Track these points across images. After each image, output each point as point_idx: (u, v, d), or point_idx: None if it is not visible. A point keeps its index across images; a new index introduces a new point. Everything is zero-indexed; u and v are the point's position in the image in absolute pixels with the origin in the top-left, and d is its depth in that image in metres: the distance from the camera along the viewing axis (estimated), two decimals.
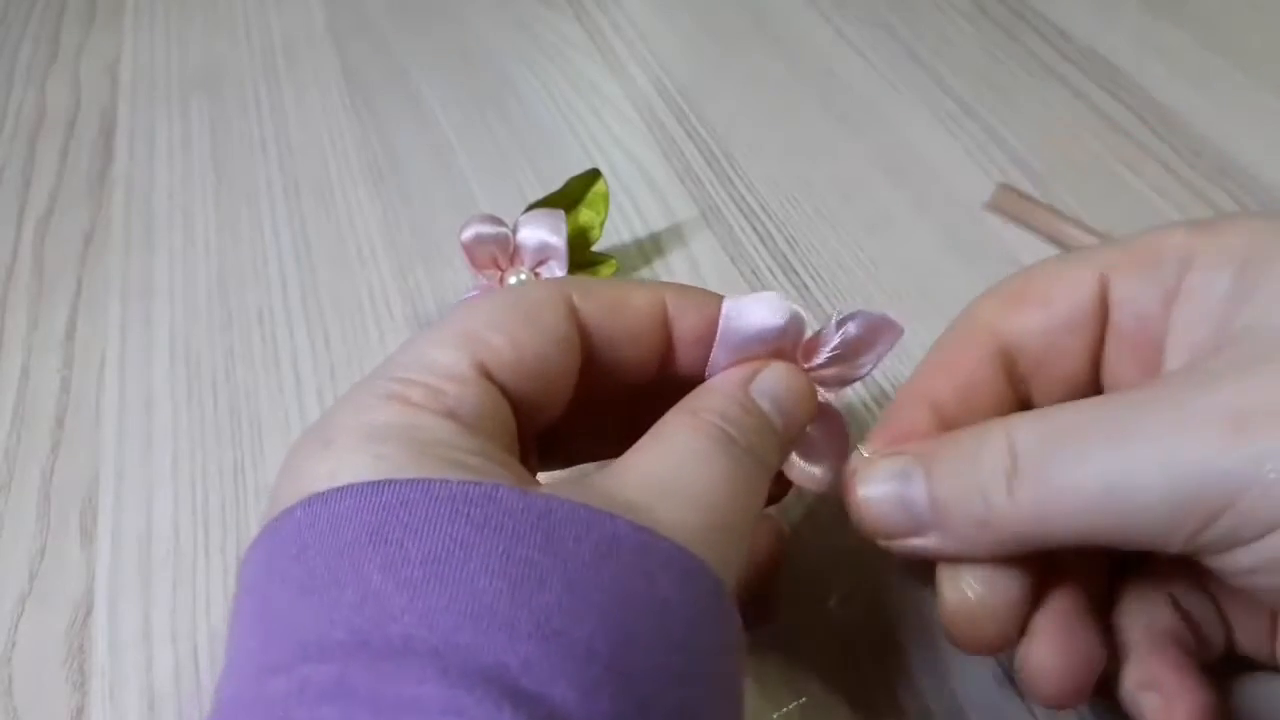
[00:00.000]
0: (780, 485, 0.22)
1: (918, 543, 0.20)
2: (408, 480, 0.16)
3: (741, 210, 0.37)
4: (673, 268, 0.35)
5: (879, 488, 0.20)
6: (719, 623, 0.17)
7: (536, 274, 0.32)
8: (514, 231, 0.31)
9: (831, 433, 0.22)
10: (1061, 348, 0.22)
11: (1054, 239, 0.34)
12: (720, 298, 0.21)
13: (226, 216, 0.39)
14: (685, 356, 0.21)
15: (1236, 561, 0.17)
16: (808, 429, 0.22)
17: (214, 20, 0.51)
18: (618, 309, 0.20)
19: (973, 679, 0.24)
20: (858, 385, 0.30)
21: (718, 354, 0.21)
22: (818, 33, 0.45)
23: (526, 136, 0.41)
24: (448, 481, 0.16)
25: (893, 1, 0.46)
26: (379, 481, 0.16)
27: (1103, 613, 0.21)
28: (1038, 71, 0.41)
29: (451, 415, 0.17)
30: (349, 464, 0.16)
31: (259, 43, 0.49)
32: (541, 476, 0.21)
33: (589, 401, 0.21)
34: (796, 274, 0.34)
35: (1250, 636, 0.21)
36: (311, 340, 0.34)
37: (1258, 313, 0.18)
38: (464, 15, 0.49)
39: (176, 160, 0.42)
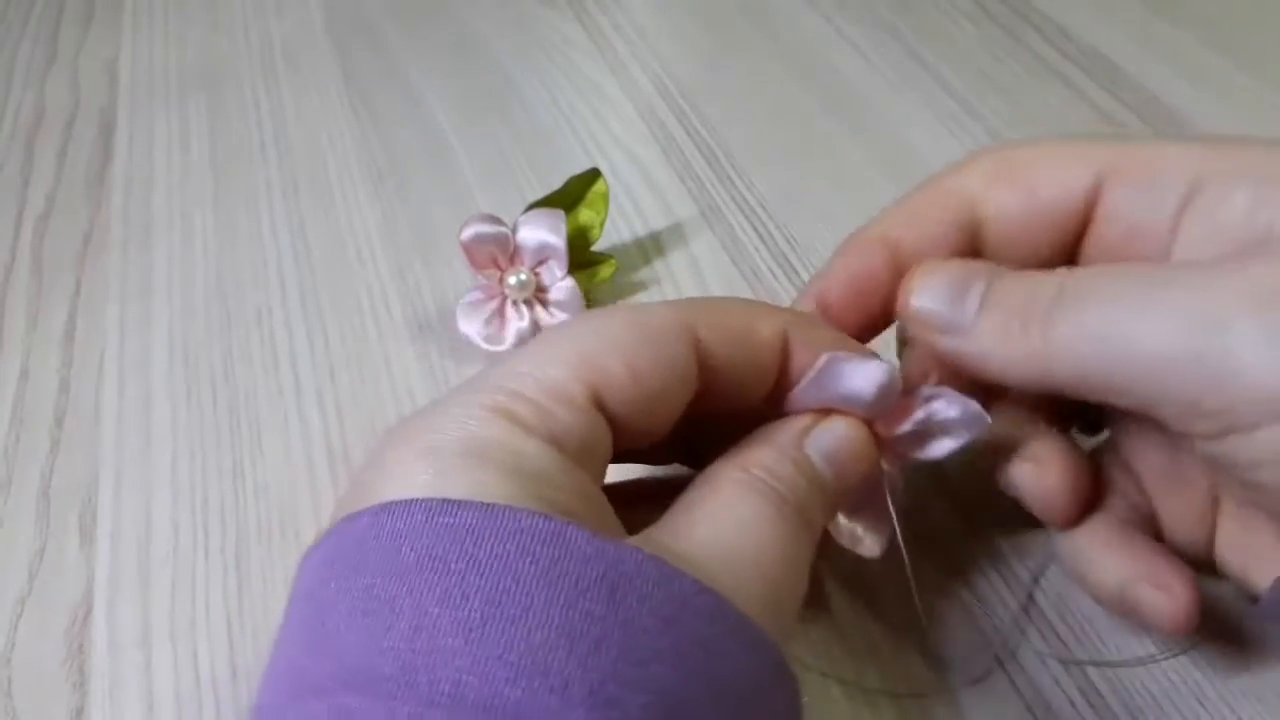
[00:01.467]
0: None
1: (947, 341, 0.20)
2: (476, 505, 0.15)
3: (742, 210, 0.37)
4: (673, 267, 0.35)
5: (940, 279, 0.20)
6: (776, 690, 0.16)
7: (536, 274, 0.32)
8: (514, 231, 0.31)
9: (880, 497, 0.22)
10: (1035, 237, 0.22)
11: None
12: (842, 339, 0.21)
13: (225, 216, 0.39)
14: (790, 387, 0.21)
15: (1237, 450, 0.17)
16: (856, 492, 0.21)
17: (213, 20, 0.51)
18: (743, 342, 0.20)
19: (972, 678, 0.24)
20: None
21: (801, 396, 0.20)
22: (819, 33, 0.45)
23: (526, 136, 0.41)
24: (516, 513, 0.15)
25: (894, 1, 0.46)
26: (451, 501, 0.15)
27: None
28: (1039, 71, 0.41)
29: (556, 442, 0.17)
30: (451, 481, 0.16)
31: (258, 43, 0.49)
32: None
33: (687, 418, 0.20)
34: (796, 274, 0.34)
35: (1183, 531, 0.22)
36: (310, 340, 0.34)
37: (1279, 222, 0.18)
38: (464, 15, 0.49)
39: (175, 160, 0.42)
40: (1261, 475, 0.18)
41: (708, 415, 0.20)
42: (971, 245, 0.22)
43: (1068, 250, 0.22)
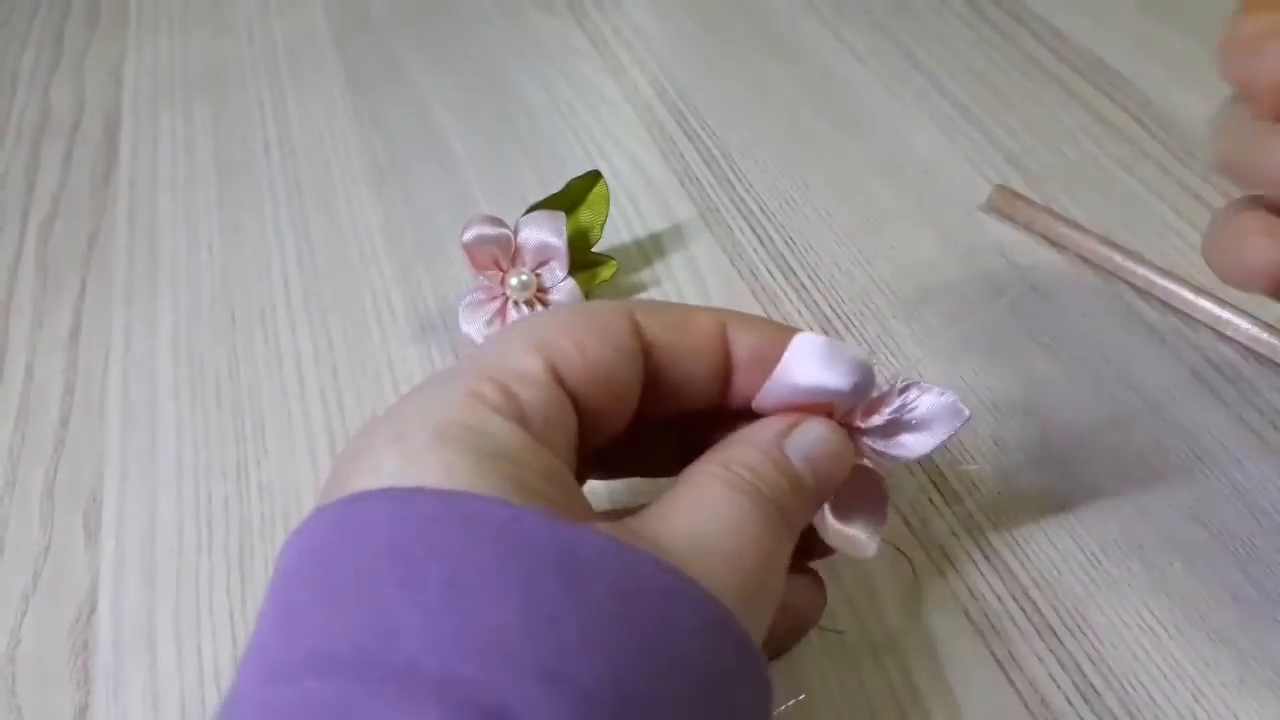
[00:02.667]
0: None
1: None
2: (437, 493, 0.16)
3: (741, 212, 0.37)
4: (672, 269, 0.35)
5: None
6: (743, 680, 0.16)
7: (537, 275, 0.32)
8: (515, 232, 0.32)
9: (871, 498, 0.22)
10: None
11: (1050, 240, 0.34)
12: (787, 331, 0.21)
13: (229, 218, 0.39)
14: (743, 380, 0.21)
15: None
16: (846, 494, 0.21)
17: (217, 23, 0.51)
18: (680, 327, 0.20)
19: (971, 678, 0.24)
20: None
21: (771, 389, 0.20)
22: (817, 36, 0.45)
23: (527, 138, 0.41)
24: (475, 499, 0.15)
25: (891, 5, 0.46)
26: (410, 491, 0.16)
27: None
28: (1035, 74, 0.41)
29: (521, 420, 0.17)
30: (419, 468, 0.16)
31: (262, 46, 0.49)
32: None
33: (651, 421, 0.21)
34: (795, 275, 0.34)
35: None
36: (314, 341, 0.34)
37: None
38: (466, 19, 0.49)
39: (180, 162, 0.42)
40: None
41: (672, 421, 0.21)
42: None
43: None
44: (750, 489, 0.18)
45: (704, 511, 0.18)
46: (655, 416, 0.21)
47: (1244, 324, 0.30)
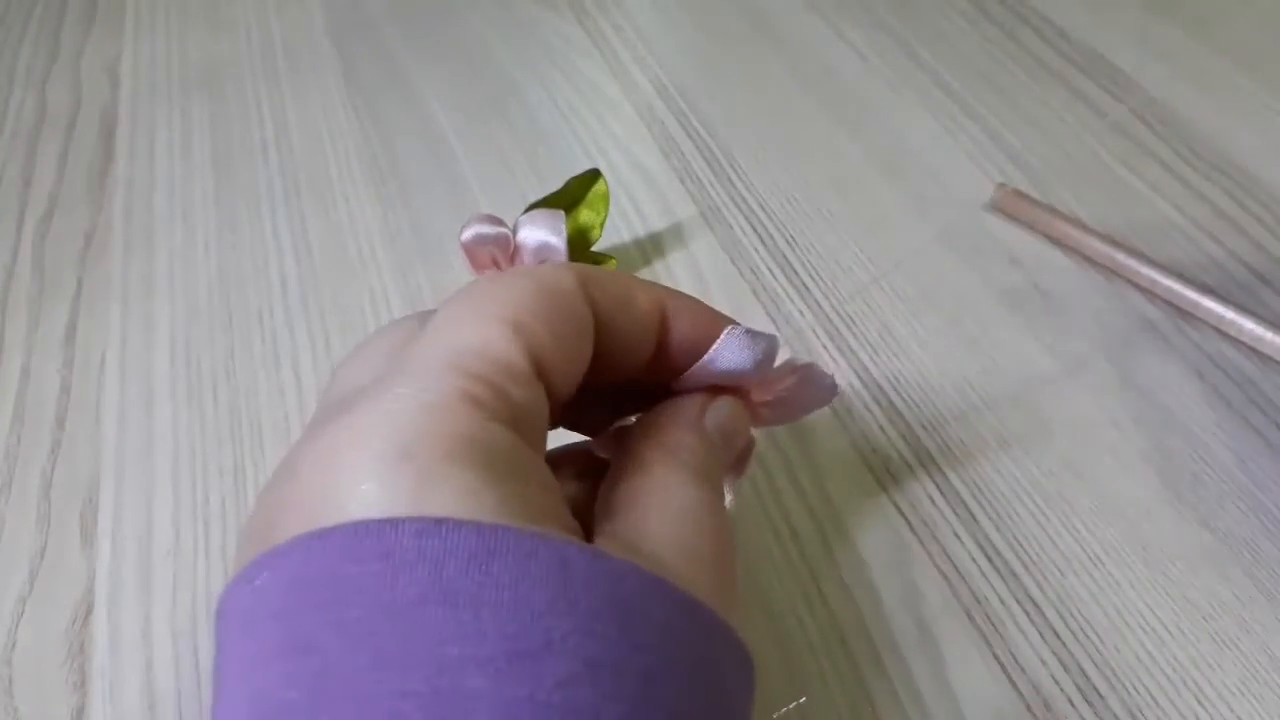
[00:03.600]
0: None
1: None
2: (471, 528, 0.14)
3: (741, 210, 0.37)
4: (673, 268, 0.35)
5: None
6: (731, 666, 0.17)
7: None
8: (514, 232, 0.31)
9: (741, 463, 0.23)
10: None
11: (1053, 239, 0.34)
12: (719, 320, 0.21)
13: (227, 217, 0.39)
14: (670, 361, 0.21)
15: None
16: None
17: (214, 21, 0.51)
18: (627, 304, 0.20)
19: (974, 681, 0.24)
20: (855, 376, 0.30)
21: (695, 373, 0.21)
22: (818, 34, 0.45)
23: (527, 137, 0.41)
24: (519, 536, 0.14)
25: (892, 2, 0.46)
26: (442, 521, 0.14)
27: None
28: (1037, 72, 0.41)
29: (515, 426, 0.16)
30: (438, 492, 0.14)
31: (259, 44, 0.49)
32: None
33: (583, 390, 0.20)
34: (796, 274, 0.34)
35: None
36: (312, 340, 0.34)
37: None
38: (465, 16, 0.49)
39: (177, 161, 0.42)
40: None
41: (593, 383, 0.20)
42: None
43: None
44: (698, 474, 0.19)
45: (671, 509, 0.18)
46: (591, 386, 0.20)
47: (1248, 324, 0.30)
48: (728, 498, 0.22)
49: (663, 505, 0.18)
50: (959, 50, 0.43)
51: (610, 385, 0.21)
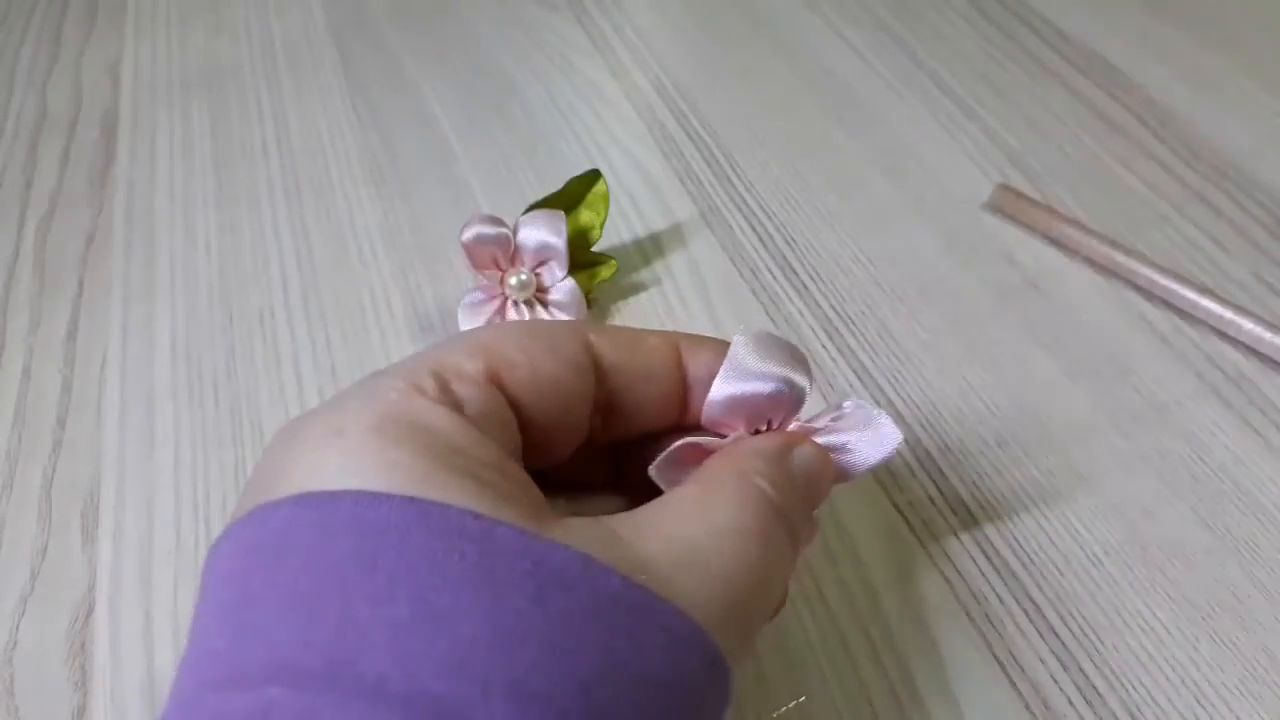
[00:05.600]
0: None
1: None
2: (407, 500, 0.15)
3: (741, 211, 0.37)
4: (672, 268, 0.35)
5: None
6: (710, 696, 0.16)
7: (537, 274, 0.32)
8: (514, 232, 0.31)
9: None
10: None
11: (1052, 239, 0.34)
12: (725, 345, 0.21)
13: (227, 217, 0.39)
14: (700, 401, 0.21)
15: None
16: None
17: (215, 21, 0.51)
18: (632, 346, 0.20)
19: (973, 680, 0.24)
20: (854, 376, 0.30)
21: (717, 391, 0.20)
22: (817, 34, 0.45)
23: (527, 137, 0.41)
24: (447, 510, 0.15)
25: (892, 3, 0.46)
26: (378, 495, 0.15)
27: None
28: (1036, 72, 0.41)
29: (459, 409, 0.17)
30: (361, 465, 0.16)
31: (260, 44, 0.49)
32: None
33: (613, 448, 0.21)
34: (796, 274, 0.34)
35: None
36: (312, 340, 0.34)
37: None
38: (465, 16, 0.49)
39: (178, 161, 0.42)
40: None
41: (631, 442, 0.21)
42: None
43: None
44: (764, 500, 0.18)
45: (708, 521, 0.18)
46: (615, 439, 0.21)
47: (1247, 324, 0.30)
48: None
49: (695, 513, 0.18)
50: (958, 50, 0.43)
51: (649, 439, 0.21)
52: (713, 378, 0.21)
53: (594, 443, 0.21)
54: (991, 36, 0.44)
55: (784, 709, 0.23)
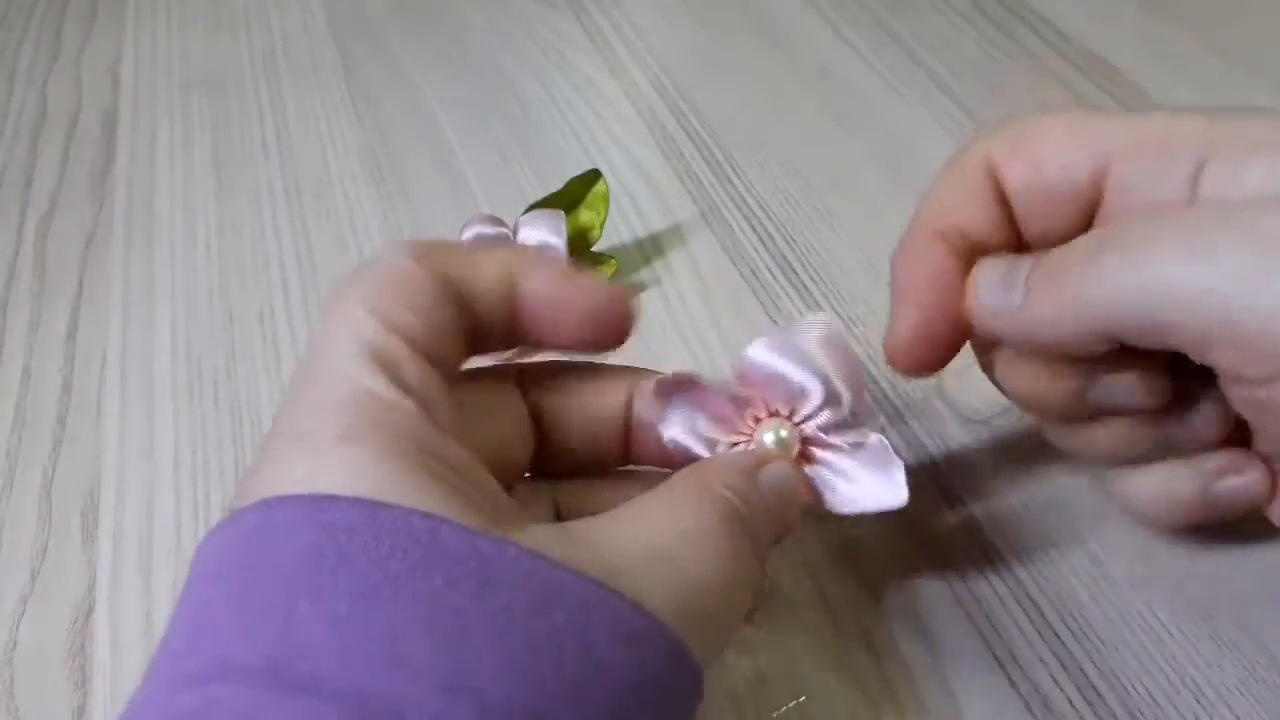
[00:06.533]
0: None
1: (1005, 324, 0.21)
2: (355, 502, 0.15)
3: (741, 210, 0.37)
4: (673, 268, 0.35)
5: (991, 272, 0.21)
6: (675, 692, 0.16)
7: None
8: (514, 232, 0.31)
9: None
10: (1048, 210, 0.22)
11: None
12: (569, 271, 0.20)
13: (227, 216, 0.39)
14: (535, 320, 0.20)
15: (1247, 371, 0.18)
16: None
17: (215, 20, 0.51)
18: (467, 267, 0.19)
19: (973, 680, 0.24)
20: None
21: (766, 343, 0.20)
22: (817, 33, 0.45)
23: (527, 137, 0.41)
24: (394, 510, 0.15)
25: (891, 2, 0.46)
26: (331, 498, 0.15)
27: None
28: (1037, 73, 0.41)
29: (419, 403, 0.17)
30: (326, 468, 0.16)
31: (260, 43, 0.49)
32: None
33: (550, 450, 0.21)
34: (796, 274, 0.34)
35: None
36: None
37: None
38: (464, 15, 0.49)
39: (178, 160, 0.42)
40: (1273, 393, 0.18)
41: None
42: (1008, 212, 0.22)
43: (1083, 223, 0.22)
44: (729, 508, 0.18)
45: (674, 525, 0.18)
46: (556, 470, 0.21)
47: None
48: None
49: (664, 516, 0.18)
50: (958, 50, 0.43)
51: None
52: (546, 303, 0.20)
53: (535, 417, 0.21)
54: (991, 36, 0.43)
55: (784, 709, 0.23)
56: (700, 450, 0.21)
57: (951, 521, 0.27)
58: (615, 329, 0.20)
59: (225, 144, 0.43)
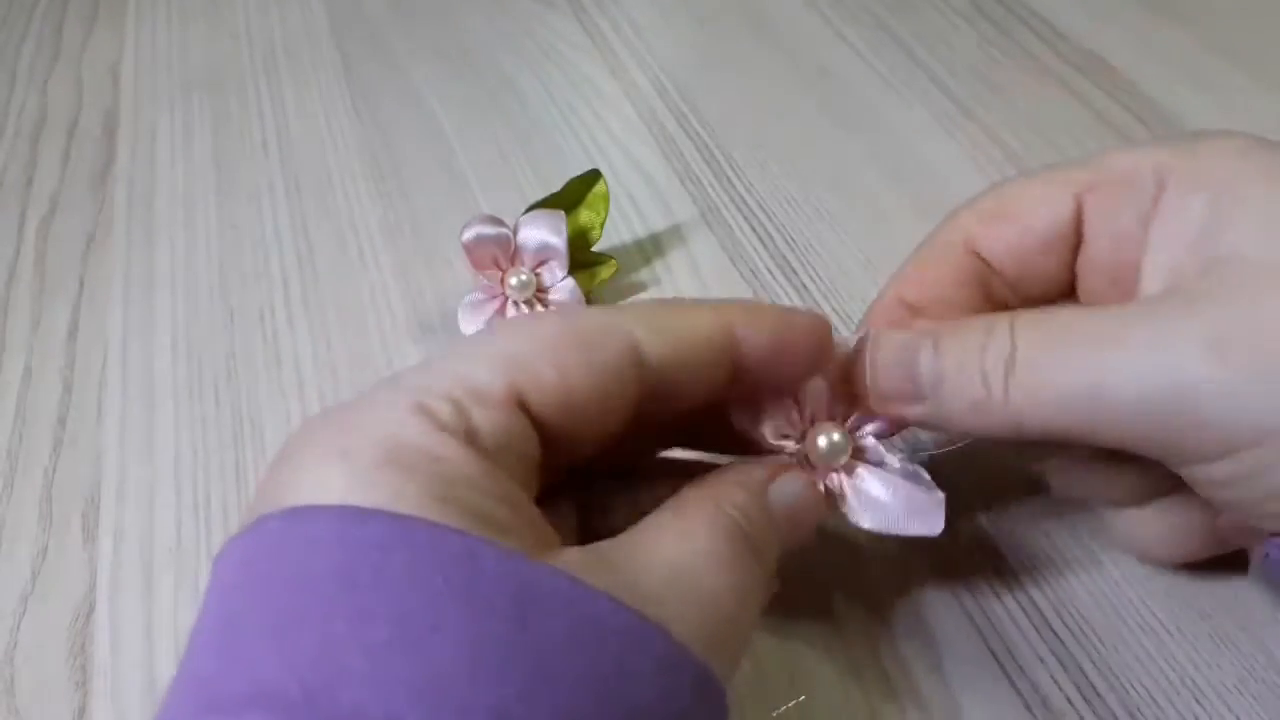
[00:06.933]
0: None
1: (915, 410, 0.21)
2: (387, 517, 0.15)
3: (741, 211, 0.37)
4: (672, 268, 0.35)
5: (890, 355, 0.21)
6: (702, 717, 0.16)
7: (537, 274, 0.32)
8: (514, 232, 0.31)
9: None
10: (1037, 266, 0.22)
11: None
12: (797, 318, 0.20)
13: (228, 216, 0.39)
14: (749, 377, 0.20)
15: (1207, 474, 0.19)
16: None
17: (215, 20, 0.51)
18: (683, 342, 0.19)
19: (973, 680, 0.24)
20: None
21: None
22: (817, 34, 0.45)
23: (527, 137, 0.41)
24: (429, 527, 0.15)
25: (891, 3, 0.46)
26: (364, 511, 0.15)
27: None
28: (1035, 72, 0.41)
29: (471, 440, 0.16)
30: (368, 488, 0.15)
31: (260, 43, 0.49)
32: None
33: (641, 422, 0.20)
34: (796, 274, 0.34)
35: None
36: (313, 340, 0.34)
37: (1234, 241, 0.19)
38: (464, 15, 0.49)
39: (178, 160, 0.42)
40: (1227, 494, 0.19)
41: (673, 410, 0.20)
42: (984, 288, 0.23)
43: (1069, 270, 0.23)
44: (737, 530, 0.18)
45: (689, 546, 0.18)
46: (649, 418, 0.20)
47: None
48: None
49: (679, 537, 0.18)
50: (958, 50, 0.43)
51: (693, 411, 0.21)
52: (769, 353, 0.20)
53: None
54: (991, 36, 0.44)
55: (784, 709, 0.23)
56: (759, 435, 0.21)
57: (951, 521, 0.27)
58: (827, 356, 0.21)
59: (225, 143, 0.43)
